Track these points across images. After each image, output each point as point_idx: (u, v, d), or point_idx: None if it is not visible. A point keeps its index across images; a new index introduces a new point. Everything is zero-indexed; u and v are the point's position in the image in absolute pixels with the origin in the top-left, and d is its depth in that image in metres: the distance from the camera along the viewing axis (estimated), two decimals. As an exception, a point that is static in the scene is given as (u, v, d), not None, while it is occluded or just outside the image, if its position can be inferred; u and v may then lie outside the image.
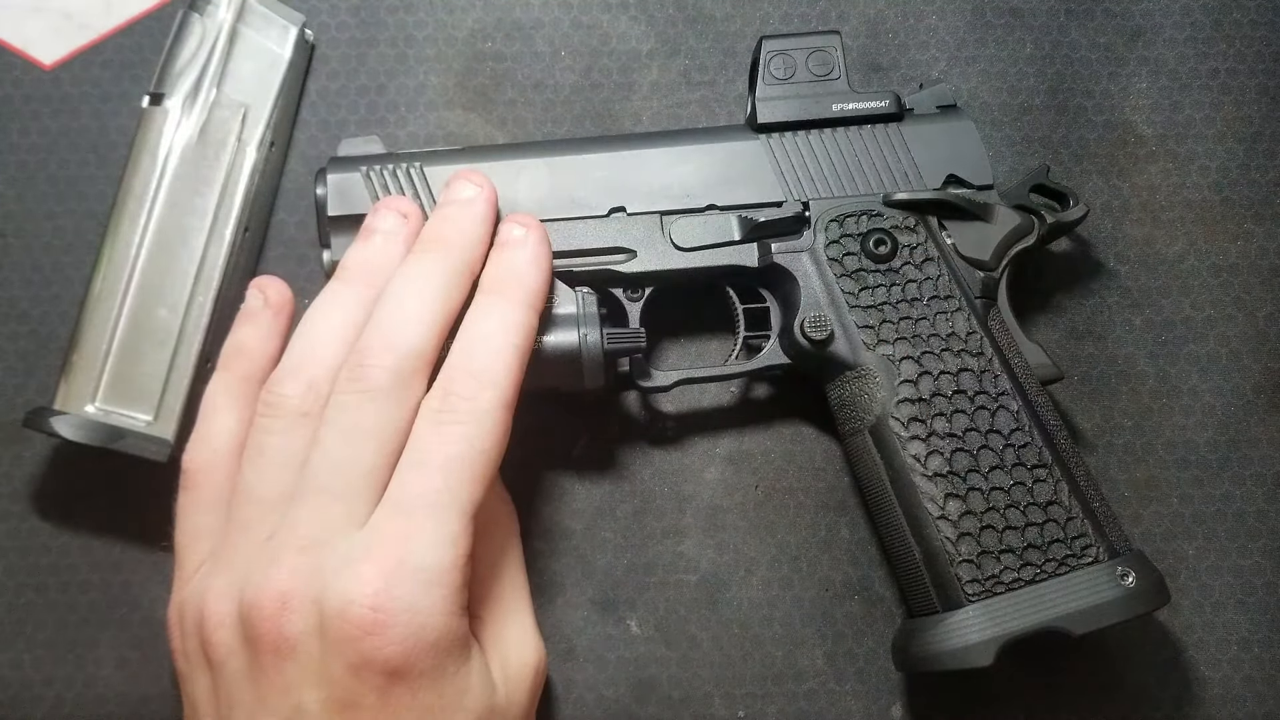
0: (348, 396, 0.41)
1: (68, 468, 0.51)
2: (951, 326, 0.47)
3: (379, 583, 0.38)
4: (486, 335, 0.43)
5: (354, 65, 0.54)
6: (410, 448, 0.41)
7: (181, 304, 0.48)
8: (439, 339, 0.43)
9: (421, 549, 0.39)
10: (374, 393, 0.41)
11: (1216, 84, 0.55)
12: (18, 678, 0.49)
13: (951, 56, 0.55)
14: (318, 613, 0.38)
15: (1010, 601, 0.43)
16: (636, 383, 0.49)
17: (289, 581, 0.39)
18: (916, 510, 0.45)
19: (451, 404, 0.41)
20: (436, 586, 0.39)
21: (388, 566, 0.38)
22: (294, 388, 0.42)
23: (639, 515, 0.51)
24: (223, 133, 0.50)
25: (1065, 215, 0.49)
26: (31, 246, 0.52)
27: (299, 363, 0.43)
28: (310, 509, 0.40)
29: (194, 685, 0.41)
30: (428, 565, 0.39)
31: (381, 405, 0.41)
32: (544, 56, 0.54)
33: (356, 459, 0.40)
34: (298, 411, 0.42)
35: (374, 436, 0.41)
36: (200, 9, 0.50)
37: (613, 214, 0.48)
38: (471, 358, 0.42)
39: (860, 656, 0.50)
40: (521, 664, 0.44)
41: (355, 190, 0.48)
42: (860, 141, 0.49)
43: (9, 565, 0.50)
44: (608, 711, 0.49)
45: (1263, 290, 0.53)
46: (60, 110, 0.53)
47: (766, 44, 0.49)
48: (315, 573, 0.39)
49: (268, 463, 0.42)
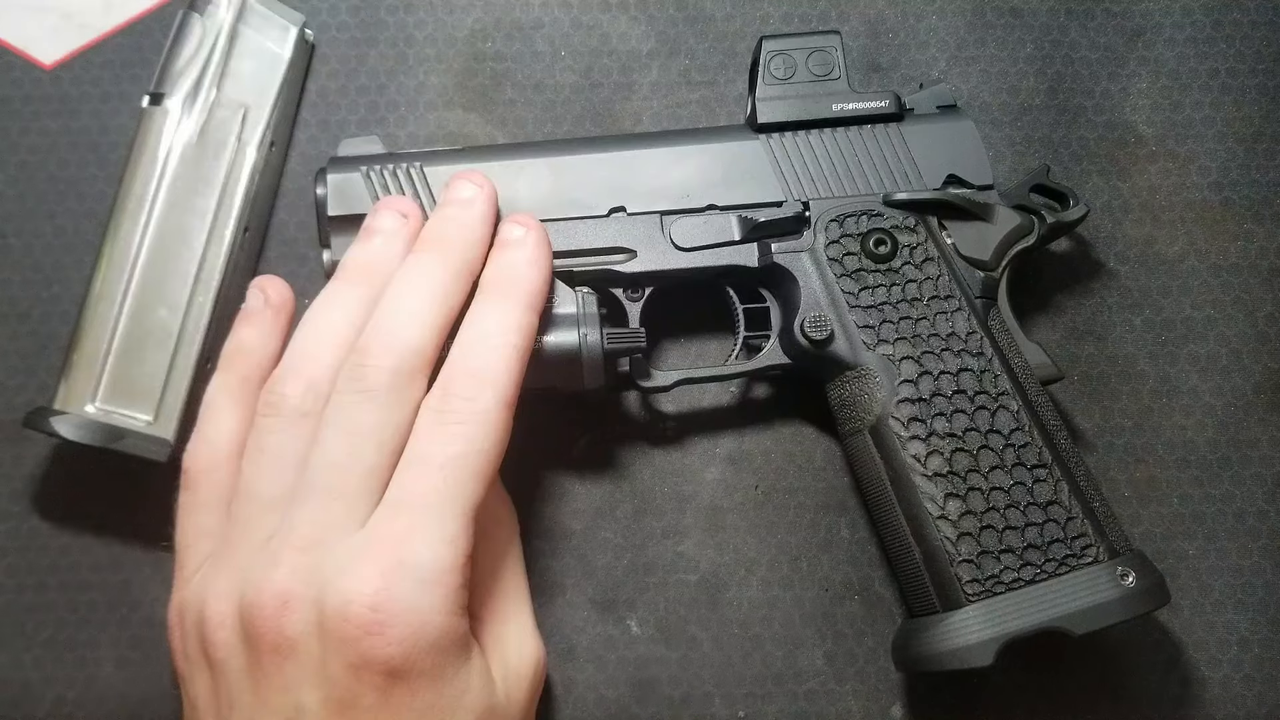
0: (348, 396, 0.41)
1: (68, 468, 0.51)
2: (951, 326, 0.47)
3: (379, 582, 0.38)
4: (486, 335, 0.43)
5: (354, 65, 0.54)
6: (411, 447, 0.41)
7: (181, 304, 0.48)
8: (439, 339, 0.43)
9: (421, 549, 0.39)
10: (374, 393, 0.41)
11: (1216, 84, 0.55)
12: (18, 678, 0.49)
13: (951, 56, 0.55)
14: (318, 612, 0.38)
15: (1010, 601, 0.43)
16: (636, 383, 0.49)
17: (289, 581, 0.39)
18: (916, 510, 0.45)
19: (452, 404, 0.41)
20: (436, 586, 0.39)
21: (388, 566, 0.38)
22: (294, 387, 0.42)
23: (639, 515, 0.51)
24: (223, 133, 0.50)
25: (1065, 215, 0.49)
26: (31, 246, 0.52)
27: (299, 362, 0.43)
28: (310, 509, 0.40)
29: (194, 685, 0.41)
30: (427, 565, 0.39)
31: (382, 405, 0.41)
32: (544, 56, 0.54)
33: (357, 459, 0.40)
34: (298, 411, 0.42)
35: (374, 436, 0.41)
36: (200, 9, 0.50)
37: (613, 214, 0.48)
38: (471, 357, 0.42)
39: (860, 656, 0.50)
40: (521, 664, 0.44)
41: (355, 190, 0.48)
42: (860, 141, 0.49)
43: (9, 565, 0.50)
44: (608, 711, 0.49)
45: (1263, 290, 0.53)
46: (60, 110, 0.53)
47: (766, 44, 0.49)
48: (315, 572, 0.39)
49: (268, 462, 0.42)
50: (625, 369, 0.50)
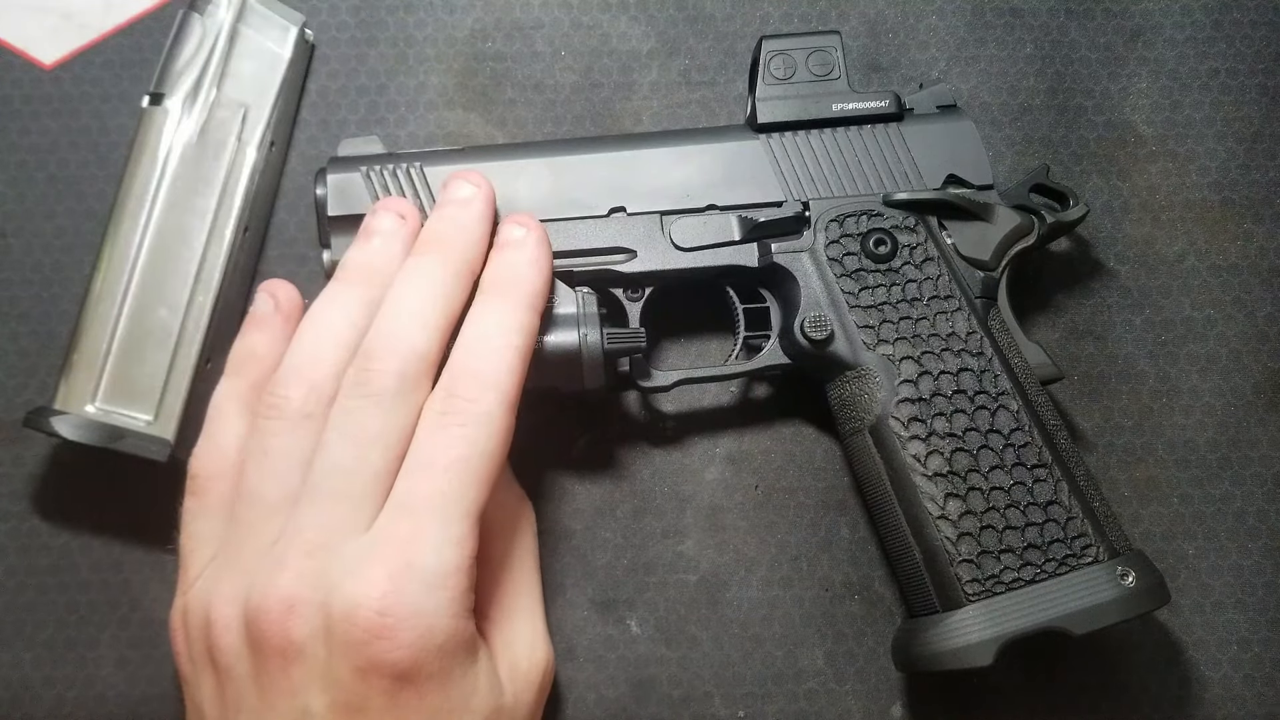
0: (354, 401, 0.41)
1: (68, 468, 0.51)
2: (951, 326, 0.47)
3: (386, 585, 0.38)
4: (487, 336, 0.43)
5: (354, 65, 0.54)
6: (414, 450, 0.41)
7: (181, 304, 0.48)
8: (442, 341, 0.43)
9: (428, 551, 0.39)
10: (380, 397, 0.41)
11: (1216, 84, 0.55)
12: (18, 678, 0.49)
13: (951, 56, 0.55)
14: (324, 616, 0.38)
15: (1010, 601, 0.43)
16: (636, 383, 0.49)
17: (295, 585, 0.39)
18: (916, 510, 0.45)
19: (455, 406, 0.41)
20: (443, 589, 0.39)
21: (394, 569, 0.38)
22: (297, 390, 0.42)
23: (639, 515, 0.51)
24: (223, 133, 0.50)
25: (1065, 215, 0.49)
26: (31, 246, 0.52)
27: (300, 364, 0.43)
28: (315, 512, 0.40)
29: (198, 689, 0.41)
30: (434, 568, 0.39)
31: (388, 410, 0.41)
32: (544, 56, 0.54)
33: (363, 463, 0.40)
34: (300, 413, 0.42)
35: (380, 441, 0.41)
36: (200, 9, 0.50)
37: (613, 214, 0.48)
38: (473, 359, 0.42)
39: (860, 656, 0.50)
40: (531, 667, 0.44)
41: (355, 190, 0.48)
42: (860, 141, 0.49)
43: (9, 565, 0.50)
44: (608, 711, 0.49)
45: (1263, 290, 0.53)
46: (60, 110, 0.53)
47: (766, 44, 0.49)
48: (321, 576, 0.39)
49: (271, 464, 0.42)
50: (625, 369, 0.50)
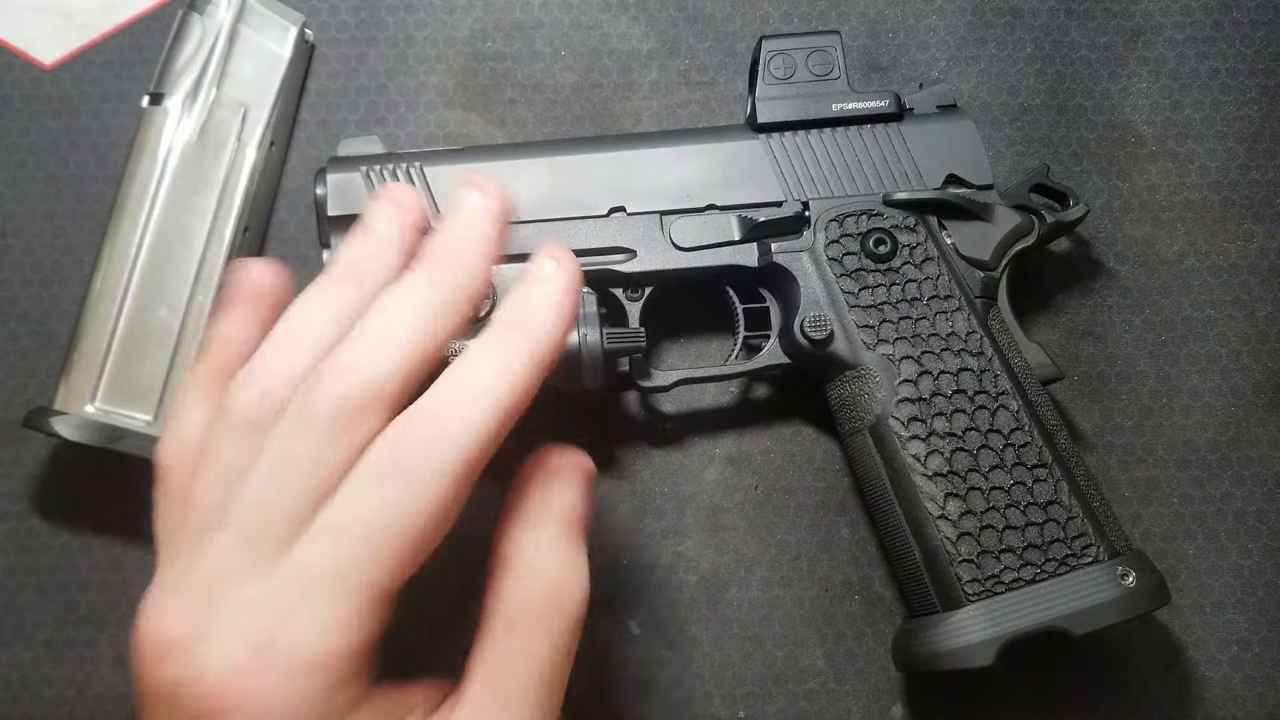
0: (288, 423, 0.35)
1: (68, 468, 0.51)
2: (951, 326, 0.47)
3: (240, 659, 0.33)
4: (471, 380, 0.36)
5: (354, 65, 0.54)
6: (336, 501, 0.34)
7: (181, 304, 0.48)
8: (410, 373, 0.36)
9: (304, 629, 0.33)
10: (314, 424, 0.35)
11: (1216, 84, 0.55)
12: (17, 677, 0.49)
13: (951, 56, 0.55)
14: (184, 667, 0.34)
15: (1010, 601, 0.43)
16: (636, 383, 0.49)
17: (175, 626, 0.34)
18: (916, 510, 0.45)
19: (400, 455, 0.34)
20: (309, 676, 0.33)
21: (258, 642, 0.33)
22: (248, 394, 0.37)
23: (639, 515, 0.51)
24: (223, 133, 0.50)
25: (1065, 215, 0.49)
26: (31, 246, 0.52)
27: (260, 365, 0.38)
28: (220, 544, 0.35)
29: None
30: (307, 649, 0.33)
31: (318, 440, 0.35)
32: (544, 56, 0.54)
33: (280, 499, 0.35)
34: (247, 420, 0.36)
35: (302, 477, 0.35)
36: (200, 9, 0.50)
37: (612, 214, 0.48)
38: (443, 402, 0.35)
39: (860, 656, 0.50)
40: None
41: (355, 190, 0.48)
42: (860, 141, 0.49)
43: (9, 565, 0.50)
44: (608, 711, 0.49)
45: (1263, 290, 0.53)
46: (60, 110, 0.53)
47: (766, 44, 0.49)
48: (202, 619, 0.34)
49: (213, 474, 0.37)
50: (625, 369, 0.50)
